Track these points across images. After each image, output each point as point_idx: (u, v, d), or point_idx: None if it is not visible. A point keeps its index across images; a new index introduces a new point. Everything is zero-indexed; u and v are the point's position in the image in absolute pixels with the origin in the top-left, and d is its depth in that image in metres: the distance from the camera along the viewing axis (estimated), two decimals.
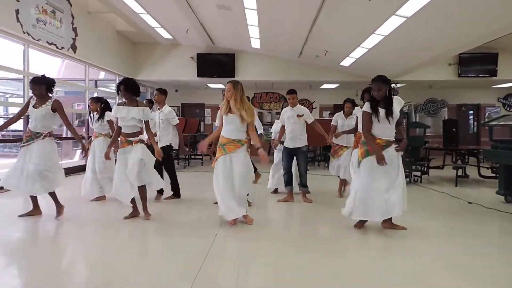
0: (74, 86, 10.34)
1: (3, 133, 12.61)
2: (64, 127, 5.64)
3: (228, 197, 4.01)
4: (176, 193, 5.56)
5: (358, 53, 9.31)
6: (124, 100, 4.30)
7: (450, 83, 12.47)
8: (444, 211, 5.06)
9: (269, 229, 4.14)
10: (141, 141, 4.31)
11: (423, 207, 5.32)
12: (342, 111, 5.93)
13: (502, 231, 4.26)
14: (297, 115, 5.37)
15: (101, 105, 5.52)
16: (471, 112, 14.80)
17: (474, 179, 7.65)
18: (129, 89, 4.22)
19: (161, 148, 5.07)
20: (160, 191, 5.42)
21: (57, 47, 7.64)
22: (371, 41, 8.17)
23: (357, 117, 5.23)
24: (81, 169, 7.14)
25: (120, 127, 4.31)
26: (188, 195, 5.79)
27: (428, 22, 6.61)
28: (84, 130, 9.27)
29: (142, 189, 4.36)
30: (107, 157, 4.34)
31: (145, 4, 7.94)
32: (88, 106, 5.65)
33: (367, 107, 3.82)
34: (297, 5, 7.16)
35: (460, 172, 7.51)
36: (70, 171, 8.02)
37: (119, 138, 4.41)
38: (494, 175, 6.98)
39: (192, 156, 11.06)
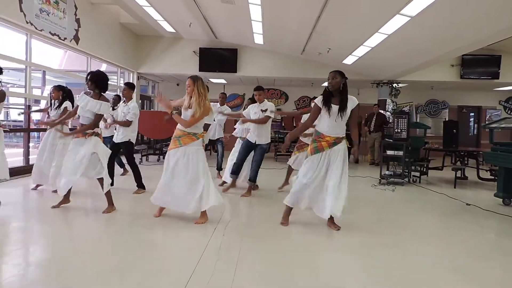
0: (76, 78, 10.32)
1: (4, 122, 12.58)
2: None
3: (167, 187, 4.00)
4: (141, 185, 5.59)
5: (361, 51, 9.29)
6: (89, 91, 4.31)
7: (452, 84, 12.45)
8: (441, 212, 5.08)
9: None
10: (95, 134, 4.28)
11: (421, 207, 5.35)
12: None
13: (500, 233, 4.28)
14: (261, 110, 5.50)
15: (63, 94, 5.61)
16: (472, 114, 14.80)
17: (473, 181, 7.67)
18: (94, 81, 4.21)
19: (121, 143, 5.50)
20: (140, 185, 5.55)
21: (59, 38, 7.63)
22: (375, 39, 8.15)
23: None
24: None
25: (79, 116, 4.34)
26: None
27: (432, 22, 6.60)
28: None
29: (100, 181, 4.34)
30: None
31: None
32: (50, 93, 5.68)
33: (319, 100, 3.85)
34: (301, 1, 7.14)
35: (459, 174, 7.52)
36: None
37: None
38: (492, 177, 7.00)
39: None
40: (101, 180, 4.30)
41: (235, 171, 5.69)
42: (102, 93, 4.28)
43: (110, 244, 3.40)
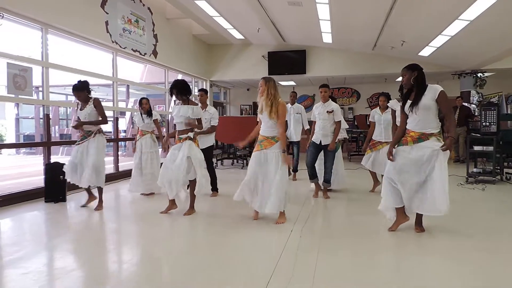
0: (156, 89, 11.08)
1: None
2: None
3: (253, 187, 4.10)
4: (215, 189, 5.73)
5: (439, 41, 8.67)
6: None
7: None
8: None
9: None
10: (189, 138, 4.49)
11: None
12: (378, 107, 5.81)
13: None
14: (327, 112, 5.28)
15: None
16: None
17: None
18: (179, 90, 4.49)
19: (207, 148, 5.51)
20: (215, 188, 5.70)
21: (140, 54, 8.26)
22: (454, 27, 7.56)
23: (394, 111, 4.96)
24: None
25: (175, 125, 4.68)
26: None
27: None
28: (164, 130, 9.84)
29: (192, 184, 4.54)
30: (165, 149, 4.67)
31: (218, 6, 8.23)
32: (140, 104, 6.04)
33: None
34: None
35: None
36: None
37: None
38: None
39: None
40: (193, 183, 4.54)
41: (313, 175, 5.47)
42: (189, 98, 4.59)
43: (194, 244, 3.58)
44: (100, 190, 4.91)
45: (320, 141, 5.33)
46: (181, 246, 3.56)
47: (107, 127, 8.44)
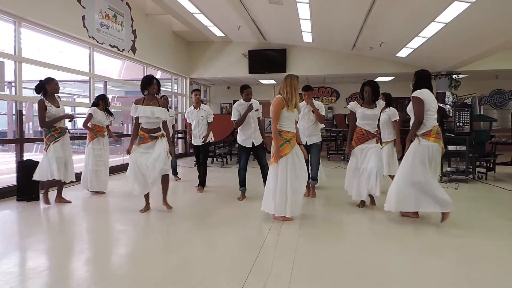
0: (134, 86, 10.90)
1: (72, 131, 13.54)
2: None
3: (284, 195, 4.02)
4: (202, 184, 6.02)
5: (416, 43, 8.87)
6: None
7: None
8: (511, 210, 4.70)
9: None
10: (163, 135, 4.51)
11: (489, 207, 4.98)
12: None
13: None
14: (312, 111, 5.25)
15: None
16: None
17: None
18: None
19: (207, 144, 6.11)
20: (202, 184, 5.96)
21: (118, 50, 8.10)
22: (431, 29, 7.74)
23: (354, 113, 4.74)
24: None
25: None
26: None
27: (495, 5, 6.12)
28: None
29: (166, 179, 4.56)
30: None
31: (198, 3, 8.16)
32: (106, 101, 5.93)
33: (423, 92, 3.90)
34: None
35: None
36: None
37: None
38: None
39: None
40: (166, 177, 4.56)
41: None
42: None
43: (172, 242, 3.55)
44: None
45: (306, 142, 5.30)
46: (158, 244, 3.52)
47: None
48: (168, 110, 5.35)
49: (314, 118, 5.29)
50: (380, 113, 4.84)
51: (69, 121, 5.10)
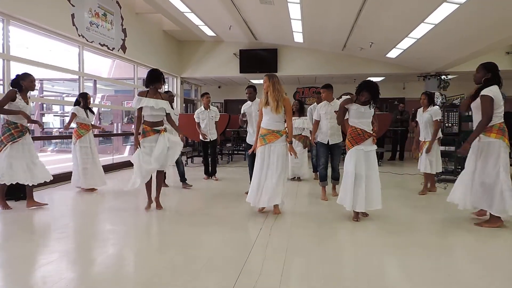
0: (124, 85, 10.83)
1: (61, 130, 13.41)
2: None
3: (257, 186, 4.25)
4: (212, 173, 7.02)
5: (405, 43, 8.95)
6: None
7: (508, 73, 11.60)
8: None
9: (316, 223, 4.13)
10: (165, 130, 4.53)
11: None
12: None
13: None
14: (335, 111, 5.11)
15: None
16: None
17: None
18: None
19: (215, 140, 6.94)
20: (213, 173, 6.93)
21: (108, 48, 8.03)
22: (420, 30, 7.82)
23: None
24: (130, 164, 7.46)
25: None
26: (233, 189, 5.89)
27: (483, 7, 6.21)
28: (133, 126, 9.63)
29: (161, 175, 4.65)
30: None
31: (189, 2, 8.12)
32: (87, 99, 5.94)
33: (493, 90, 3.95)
34: None
35: None
36: (121, 165, 8.44)
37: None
38: None
39: (236, 152, 11.23)
40: (161, 174, 4.69)
41: (324, 177, 5.33)
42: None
43: (163, 243, 3.53)
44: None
45: (328, 141, 5.25)
46: (148, 244, 3.50)
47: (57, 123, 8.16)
48: (173, 109, 5.32)
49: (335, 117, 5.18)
50: (423, 112, 5.25)
51: (41, 130, 4.98)
